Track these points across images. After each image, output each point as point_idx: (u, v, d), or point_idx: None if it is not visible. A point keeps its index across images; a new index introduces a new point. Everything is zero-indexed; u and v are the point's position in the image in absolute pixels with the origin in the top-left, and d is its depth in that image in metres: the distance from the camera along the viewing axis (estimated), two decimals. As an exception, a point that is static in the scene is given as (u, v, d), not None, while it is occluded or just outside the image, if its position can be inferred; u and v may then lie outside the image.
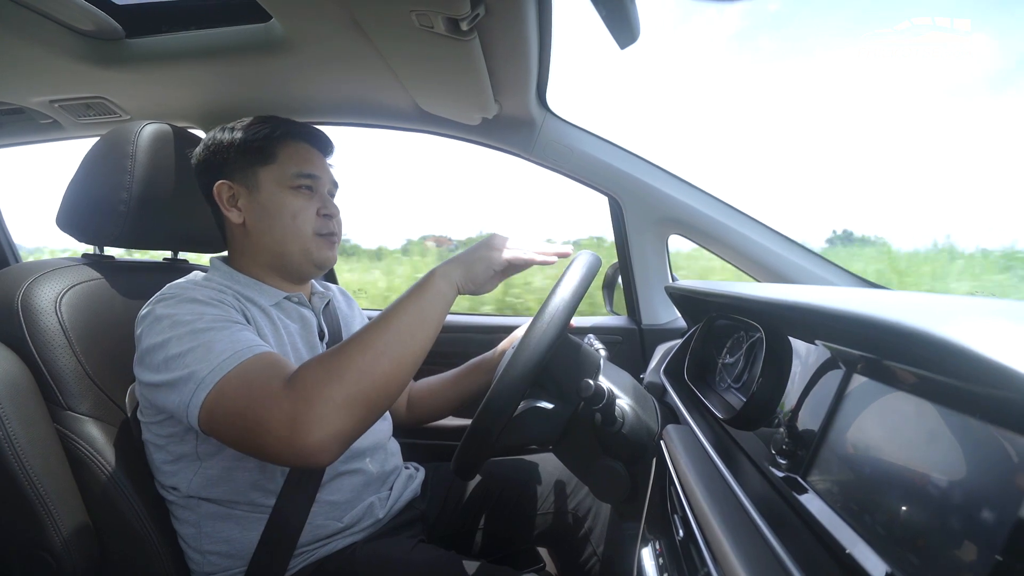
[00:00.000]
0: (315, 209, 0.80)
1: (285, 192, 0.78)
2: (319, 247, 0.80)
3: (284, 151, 0.79)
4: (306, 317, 0.83)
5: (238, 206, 0.79)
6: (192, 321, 0.63)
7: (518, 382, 0.59)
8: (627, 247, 1.26)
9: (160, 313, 0.65)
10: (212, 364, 0.59)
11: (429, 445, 1.26)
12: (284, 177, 0.78)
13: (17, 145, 1.45)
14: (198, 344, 0.61)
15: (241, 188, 0.79)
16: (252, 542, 0.71)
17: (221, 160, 0.79)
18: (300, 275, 0.83)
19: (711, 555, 0.41)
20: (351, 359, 0.58)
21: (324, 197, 0.82)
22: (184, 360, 0.60)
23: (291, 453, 0.55)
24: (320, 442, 0.54)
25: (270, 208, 0.78)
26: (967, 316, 0.32)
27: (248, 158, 0.78)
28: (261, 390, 0.57)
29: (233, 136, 0.79)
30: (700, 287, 0.80)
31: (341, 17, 0.83)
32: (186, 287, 0.70)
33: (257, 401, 0.56)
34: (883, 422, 0.37)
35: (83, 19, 0.93)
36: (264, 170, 0.78)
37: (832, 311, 0.40)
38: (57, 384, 0.71)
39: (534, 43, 0.86)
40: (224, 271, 0.80)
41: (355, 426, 0.57)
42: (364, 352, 0.58)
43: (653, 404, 0.74)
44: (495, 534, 0.93)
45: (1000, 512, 0.26)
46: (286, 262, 0.80)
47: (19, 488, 0.65)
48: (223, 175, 0.79)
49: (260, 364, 0.60)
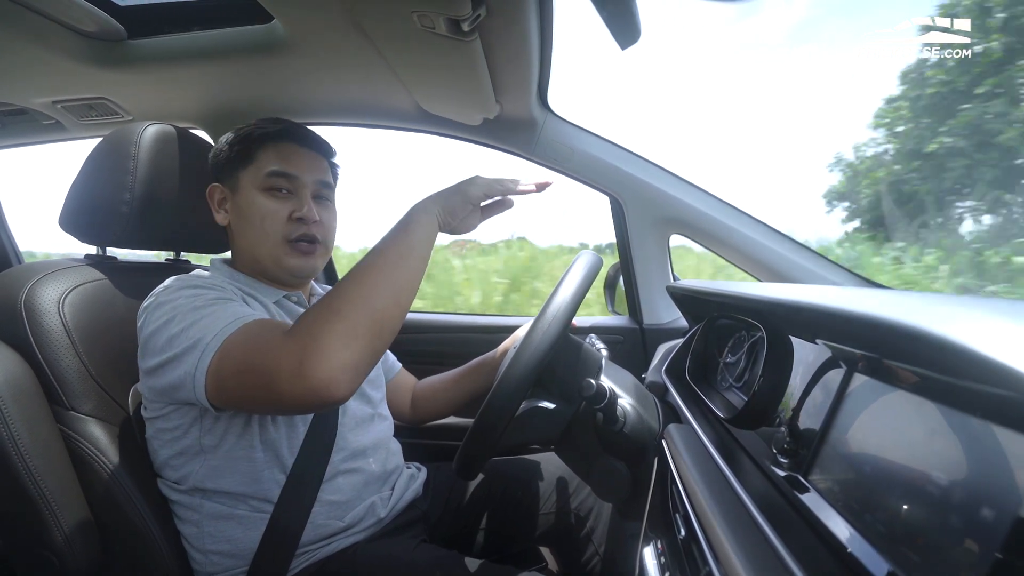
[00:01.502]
0: (288, 212, 0.77)
1: (256, 194, 0.77)
2: (288, 253, 0.78)
3: (263, 152, 0.78)
4: None
5: (225, 208, 0.80)
6: (192, 301, 0.65)
7: (520, 382, 0.59)
8: (628, 247, 1.26)
9: (161, 300, 0.67)
10: (215, 330, 0.60)
11: (431, 445, 1.26)
12: (257, 178, 0.78)
13: (20, 146, 1.45)
14: (200, 317, 0.62)
15: (227, 190, 0.80)
16: (254, 542, 0.71)
17: (215, 163, 0.81)
18: (279, 281, 0.82)
19: (713, 554, 0.41)
20: (346, 294, 0.59)
21: (302, 199, 0.78)
22: (188, 333, 0.62)
23: (305, 390, 0.54)
24: (330, 373, 0.54)
25: (244, 210, 0.78)
26: (968, 315, 0.32)
27: (233, 160, 0.79)
28: (266, 343, 0.58)
29: (228, 138, 0.81)
30: (701, 287, 0.81)
31: (343, 18, 0.83)
32: (186, 278, 0.71)
33: (262, 352, 0.57)
34: (884, 421, 0.37)
35: (85, 20, 0.93)
36: (244, 172, 0.79)
37: (833, 310, 0.40)
38: (60, 384, 0.71)
39: (535, 44, 0.87)
40: (224, 270, 0.81)
41: (362, 356, 0.57)
42: (359, 287, 0.59)
43: (655, 403, 0.74)
44: (497, 534, 0.93)
45: (1000, 510, 0.26)
46: (263, 267, 0.80)
47: (22, 488, 0.66)
48: (216, 177, 0.81)
49: (260, 325, 0.62)
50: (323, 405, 0.56)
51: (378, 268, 0.61)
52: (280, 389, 0.55)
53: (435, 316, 1.42)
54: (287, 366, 0.55)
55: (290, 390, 0.55)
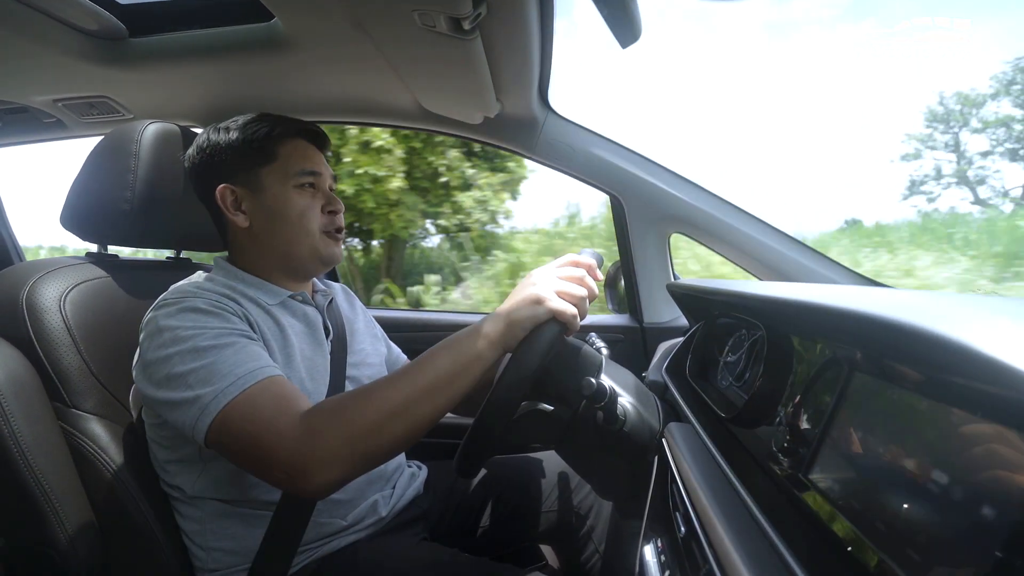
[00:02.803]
0: (320, 206, 0.80)
1: (289, 191, 0.77)
2: (326, 244, 0.80)
3: (284, 149, 0.78)
4: (310, 315, 0.82)
5: (243, 209, 0.78)
6: (193, 337, 0.63)
7: (520, 381, 0.59)
8: (629, 245, 1.26)
9: (161, 325, 0.64)
10: (217, 389, 0.59)
11: (431, 443, 1.26)
12: (287, 176, 0.77)
13: (21, 144, 1.45)
14: (200, 365, 0.61)
15: (244, 191, 0.77)
16: (256, 539, 0.71)
17: (219, 162, 0.77)
18: (307, 273, 0.83)
19: (713, 553, 0.41)
20: (364, 415, 0.57)
21: (327, 193, 0.82)
22: (187, 381, 0.60)
23: (288, 487, 0.60)
24: (318, 486, 0.57)
25: (276, 209, 0.77)
26: (969, 314, 0.32)
27: (249, 159, 0.77)
28: (268, 424, 0.57)
29: (229, 137, 0.77)
30: (702, 285, 0.81)
31: (343, 16, 0.83)
32: (187, 291, 0.69)
33: (262, 436, 0.57)
34: (884, 420, 0.37)
35: (87, 18, 0.93)
36: (266, 170, 0.77)
37: (834, 309, 0.40)
38: (62, 382, 0.71)
39: (536, 42, 0.86)
40: (228, 271, 0.79)
41: (355, 475, 0.59)
42: (379, 409, 0.58)
43: (655, 402, 0.74)
44: (497, 532, 0.93)
45: (1000, 510, 0.26)
46: (293, 262, 0.80)
47: (24, 485, 0.66)
48: (223, 178, 0.77)
49: (267, 393, 0.60)
50: (301, 496, 0.65)
51: (409, 395, 0.59)
52: (266, 476, 0.60)
53: (435, 314, 1.42)
54: (279, 465, 0.57)
55: (275, 482, 0.60)
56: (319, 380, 0.76)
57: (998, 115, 12.08)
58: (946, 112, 12.51)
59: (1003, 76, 11.89)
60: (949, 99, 12.23)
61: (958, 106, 12.38)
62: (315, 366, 0.77)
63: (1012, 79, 11.88)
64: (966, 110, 12.32)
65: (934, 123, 12.74)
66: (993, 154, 12.22)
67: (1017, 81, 11.89)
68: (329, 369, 0.79)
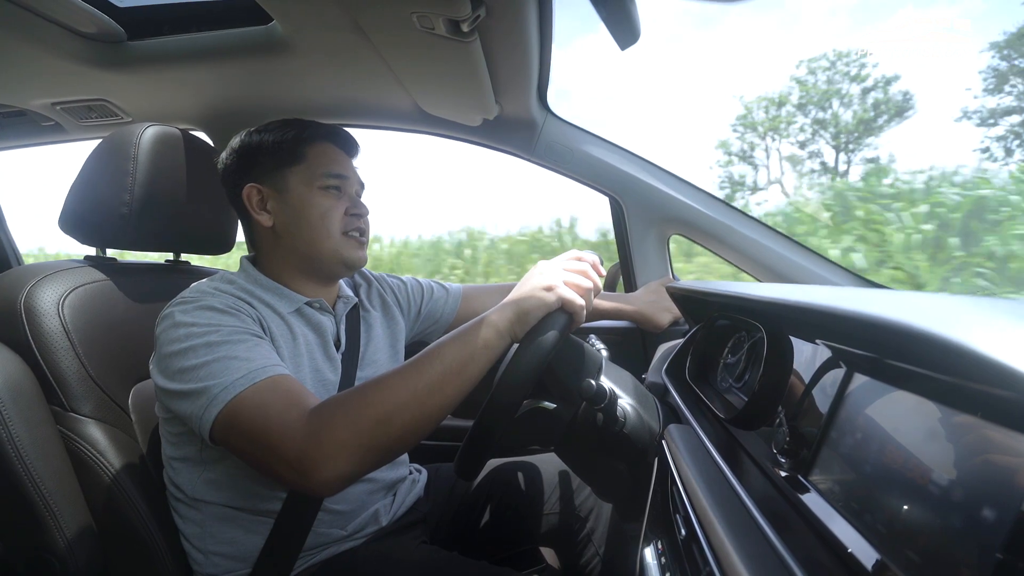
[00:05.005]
0: (343, 209, 0.79)
1: (314, 193, 0.77)
2: (348, 247, 0.80)
3: (312, 152, 0.79)
4: (324, 325, 0.80)
5: (268, 209, 0.78)
6: (207, 333, 0.63)
7: (520, 382, 0.59)
8: (628, 247, 1.26)
9: (178, 320, 0.65)
10: (225, 382, 0.59)
11: (430, 446, 1.26)
12: (313, 177, 0.78)
13: (19, 147, 1.45)
14: (213, 359, 0.61)
15: (270, 191, 0.78)
16: (256, 546, 0.71)
17: (250, 164, 0.79)
18: (330, 276, 0.83)
19: (713, 555, 0.41)
20: (371, 406, 0.57)
21: (352, 197, 0.82)
22: (198, 374, 0.60)
23: (295, 483, 0.57)
24: (325, 481, 0.55)
25: (299, 209, 0.77)
26: (969, 315, 0.32)
27: (277, 160, 0.78)
28: (277, 418, 0.57)
29: (262, 139, 0.78)
30: (701, 287, 0.81)
31: (342, 19, 0.83)
32: (206, 291, 0.70)
33: (271, 429, 0.57)
34: (885, 421, 0.37)
35: (85, 21, 0.93)
36: (292, 171, 0.78)
37: (833, 311, 0.40)
38: (60, 386, 0.71)
39: (535, 44, 0.87)
40: (249, 273, 0.78)
41: (364, 470, 0.57)
42: (388, 400, 0.57)
43: (655, 404, 0.74)
44: (497, 534, 0.93)
45: (1000, 510, 0.26)
46: (316, 264, 0.79)
47: (22, 490, 0.66)
48: (251, 178, 0.78)
49: (276, 389, 0.60)
50: (307, 494, 0.62)
51: (416, 385, 0.58)
52: (273, 470, 0.58)
53: None
54: (286, 459, 0.56)
55: (281, 478, 0.58)
56: (324, 392, 0.76)
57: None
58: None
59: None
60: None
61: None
62: (323, 378, 0.77)
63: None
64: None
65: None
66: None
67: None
68: (338, 383, 0.79)
